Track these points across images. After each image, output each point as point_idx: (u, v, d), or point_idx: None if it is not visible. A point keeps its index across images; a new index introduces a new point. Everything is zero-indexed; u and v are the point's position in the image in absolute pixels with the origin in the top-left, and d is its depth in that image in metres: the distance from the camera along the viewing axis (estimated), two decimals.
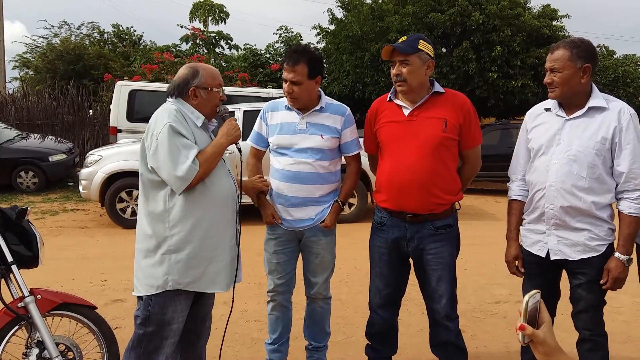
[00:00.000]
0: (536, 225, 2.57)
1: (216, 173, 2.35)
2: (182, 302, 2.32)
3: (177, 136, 2.22)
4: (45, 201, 9.72)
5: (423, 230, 2.66)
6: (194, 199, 2.27)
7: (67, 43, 21.12)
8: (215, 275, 2.34)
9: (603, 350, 2.52)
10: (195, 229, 2.27)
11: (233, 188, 2.43)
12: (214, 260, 2.32)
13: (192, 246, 2.27)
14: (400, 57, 2.58)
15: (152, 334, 2.29)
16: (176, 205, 2.25)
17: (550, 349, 1.16)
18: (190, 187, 2.23)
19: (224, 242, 2.37)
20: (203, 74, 2.41)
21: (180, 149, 2.21)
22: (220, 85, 2.46)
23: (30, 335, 2.54)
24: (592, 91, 2.44)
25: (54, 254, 5.89)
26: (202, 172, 2.23)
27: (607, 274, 2.41)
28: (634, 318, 4.03)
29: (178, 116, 2.28)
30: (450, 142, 2.62)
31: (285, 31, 21.36)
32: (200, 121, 2.39)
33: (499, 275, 4.96)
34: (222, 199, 2.35)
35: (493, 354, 3.52)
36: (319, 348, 3.14)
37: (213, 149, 2.31)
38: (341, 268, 5.30)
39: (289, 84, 2.79)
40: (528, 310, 1.16)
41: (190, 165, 2.18)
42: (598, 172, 2.38)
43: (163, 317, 2.28)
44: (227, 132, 2.39)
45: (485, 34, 14.57)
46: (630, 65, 22.43)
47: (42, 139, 11.88)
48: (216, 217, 2.32)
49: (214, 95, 2.42)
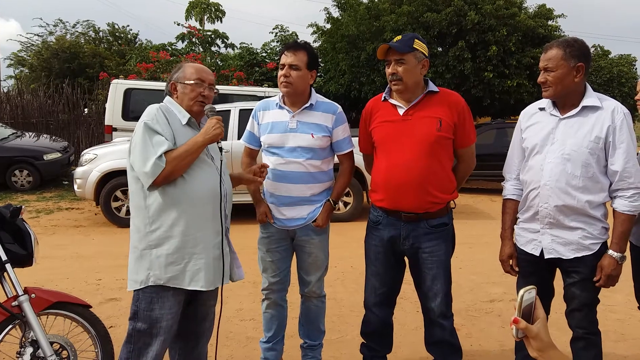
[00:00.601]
0: (530, 224, 2.58)
1: (198, 171, 2.33)
2: (170, 299, 2.30)
3: (150, 133, 2.24)
4: (40, 200, 9.69)
5: (418, 228, 2.67)
6: (174, 196, 2.26)
7: (63, 41, 21.08)
8: (196, 273, 2.30)
9: (596, 348, 2.53)
10: (175, 225, 2.26)
11: (216, 186, 2.36)
12: (194, 257, 2.29)
13: (172, 242, 2.26)
14: (396, 56, 2.59)
15: (140, 330, 2.28)
16: (156, 201, 2.26)
17: (543, 344, 1.18)
18: (159, 183, 2.23)
19: (207, 240, 2.33)
20: (184, 68, 2.43)
21: (151, 146, 2.22)
22: (201, 79, 2.41)
23: (25, 334, 2.53)
24: (586, 90, 2.45)
25: (49, 253, 5.88)
26: (170, 169, 2.21)
27: (600, 271, 2.42)
28: (627, 316, 4.05)
29: (158, 114, 2.29)
30: (445, 141, 2.63)
31: (281, 30, 21.37)
32: (185, 119, 2.38)
33: (494, 274, 4.97)
34: (202, 197, 2.31)
35: (488, 352, 3.53)
36: (313, 346, 3.14)
37: (186, 147, 2.27)
38: (336, 267, 5.31)
39: (286, 68, 2.78)
40: (523, 306, 1.18)
41: (155, 161, 2.18)
42: (592, 171, 2.39)
43: (151, 313, 2.28)
44: (205, 131, 2.34)
45: (481, 34, 14.60)
46: (625, 65, 22.53)
47: (37, 137, 11.85)
48: (196, 215, 2.29)
49: (189, 89, 2.39)
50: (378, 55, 2.65)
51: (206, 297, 2.52)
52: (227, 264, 2.45)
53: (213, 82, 2.48)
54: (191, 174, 2.30)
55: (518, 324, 1.17)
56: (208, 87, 2.43)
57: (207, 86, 2.43)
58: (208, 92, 2.43)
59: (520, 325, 1.17)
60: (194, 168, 2.32)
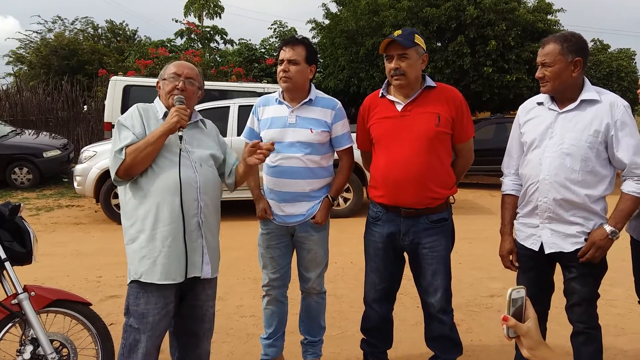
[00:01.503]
0: (530, 218, 2.57)
1: (160, 164, 2.30)
2: (154, 295, 2.28)
3: (120, 129, 2.31)
4: (40, 197, 9.69)
5: (418, 224, 2.67)
6: (142, 190, 2.28)
7: (61, 38, 21.01)
8: (166, 267, 2.26)
9: (597, 343, 2.53)
10: (145, 220, 2.27)
11: (175, 178, 2.28)
12: (164, 251, 2.26)
13: (143, 236, 2.27)
14: (399, 51, 2.58)
15: (130, 326, 2.29)
16: (130, 197, 2.31)
17: (534, 343, 1.19)
18: (123, 176, 2.26)
19: (175, 233, 2.27)
20: (166, 67, 2.48)
21: (118, 141, 2.28)
22: (176, 73, 2.41)
23: (25, 332, 2.54)
24: (584, 84, 2.45)
25: (49, 250, 5.88)
26: (129, 161, 2.22)
27: (589, 242, 2.41)
28: (627, 311, 4.06)
29: (133, 112, 2.38)
30: (443, 136, 2.64)
31: (280, 26, 21.31)
32: (161, 114, 2.42)
33: (494, 269, 4.97)
34: (164, 191, 2.27)
35: (488, 347, 3.53)
36: (314, 342, 3.14)
37: (146, 139, 2.26)
38: (337, 263, 5.32)
39: (285, 63, 2.78)
40: (512, 305, 1.19)
41: (115, 154, 2.24)
42: (591, 165, 2.39)
43: (137, 308, 2.28)
44: (165, 121, 2.31)
45: (480, 29, 14.56)
46: (625, 60, 22.44)
47: (36, 134, 11.84)
48: (163, 209, 2.26)
49: (165, 84, 2.43)
50: (381, 49, 2.63)
51: (202, 296, 2.48)
52: (199, 256, 2.35)
53: (192, 76, 2.44)
54: (159, 166, 2.30)
55: (507, 322, 1.19)
56: (185, 81, 2.40)
57: (184, 79, 2.40)
58: (184, 85, 2.40)
59: (509, 323, 1.18)
60: (163, 161, 2.31)
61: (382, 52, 2.65)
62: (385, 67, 2.66)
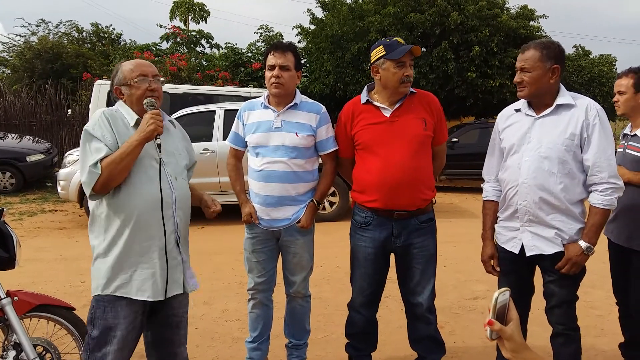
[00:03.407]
0: (510, 222, 2.62)
1: (138, 177, 2.20)
2: (124, 309, 2.19)
3: (89, 140, 2.14)
4: (23, 202, 9.59)
5: (409, 225, 2.74)
6: (118, 204, 2.17)
7: (45, 42, 20.82)
8: (143, 282, 2.20)
9: (576, 344, 2.58)
10: (119, 234, 2.17)
11: (156, 193, 2.21)
12: (140, 267, 2.20)
13: (117, 251, 2.18)
14: (411, 58, 2.66)
15: (96, 338, 2.19)
16: (104, 211, 2.19)
17: (517, 345, 1.19)
18: (99, 192, 2.13)
19: (153, 249, 2.21)
20: (122, 69, 2.28)
21: (89, 153, 2.12)
22: (143, 74, 2.26)
23: (7, 337, 2.52)
24: (560, 90, 2.51)
25: (32, 255, 5.83)
26: (107, 175, 2.09)
27: (565, 258, 2.46)
28: (607, 312, 4.12)
29: (101, 119, 2.19)
30: (428, 140, 2.73)
31: (266, 30, 21.34)
32: (133, 121, 2.25)
33: (477, 272, 5.02)
34: (143, 205, 2.18)
35: (471, 348, 3.57)
36: (299, 346, 3.16)
37: (121, 150, 2.12)
38: (322, 266, 5.34)
39: (277, 69, 2.79)
40: (497, 307, 1.19)
41: (89, 169, 2.09)
42: (569, 167, 2.44)
43: (105, 321, 2.19)
44: (140, 128, 2.16)
45: (464, 34, 14.72)
46: (606, 65, 22.80)
47: (20, 139, 11.72)
48: (140, 223, 2.18)
49: (135, 88, 2.25)
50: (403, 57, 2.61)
51: (176, 304, 2.40)
52: (179, 273, 2.31)
53: (157, 73, 2.34)
54: (135, 179, 2.19)
55: (492, 326, 1.18)
56: (153, 80, 2.29)
57: (152, 79, 2.28)
58: (155, 85, 2.29)
59: (494, 327, 1.18)
60: (138, 173, 2.20)
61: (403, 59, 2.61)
62: (392, 74, 2.63)
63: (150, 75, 2.28)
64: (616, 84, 2.99)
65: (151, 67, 2.33)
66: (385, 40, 2.68)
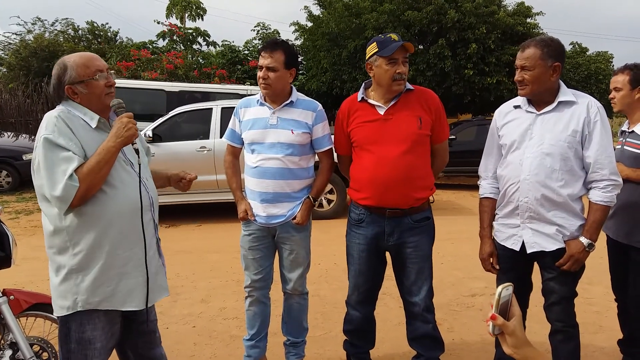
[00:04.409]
0: (510, 219, 2.61)
1: (117, 181, 2.05)
2: (102, 320, 2.08)
3: (53, 149, 1.91)
4: (20, 200, 9.55)
5: (403, 224, 2.71)
6: (94, 212, 1.98)
7: (41, 40, 20.70)
8: (129, 293, 2.09)
9: (575, 341, 2.58)
10: (98, 245, 2.00)
11: (136, 197, 2.08)
12: (125, 276, 2.07)
13: (98, 264, 2.01)
14: (404, 55, 2.61)
15: (74, 351, 2.06)
16: (74, 222, 1.97)
17: (519, 341, 1.19)
18: (77, 205, 1.94)
19: (136, 257, 2.09)
20: (72, 66, 2.04)
21: (57, 164, 1.90)
22: (99, 69, 2.07)
23: (3, 336, 2.51)
24: (560, 87, 2.50)
25: (29, 254, 5.81)
26: (86, 187, 1.91)
27: (567, 255, 2.46)
28: (605, 309, 4.13)
29: (59, 124, 1.96)
30: (424, 138, 2.68)
31: (263, 28, 21.33)
32: (95, 122, 2.06)
33: (475, 269, 5.02)
34: (124, 211, 2.04)
35: (469, 345, 3.57)
36: (297, 343, 3.15)
37: (97, 157, 1.95)
38: (320, 264, 5.33)
39: (264, 70, 2.79)
40: (500, 302, 1.19)
41: (66, 182, 1.87)
42: (570, 164, 2.44)
43: (82, 335, 2.05)
44: (116, 133, 2.01)
45: (461, 32, 14.73)
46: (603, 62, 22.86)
47: (16, 137, 11.70)
48: (121, 231, 2.04)
49: (94, 85, 2.05)
50: (395, 54, 2.56)
51: (150, 309, 2.32)
52: (162, 276, 2.25)
53: (107, 66, 2.15)
54: (109, 185, 2.03)
55: (495, 321, 1.18)
56: (109, 74, 2.11)
57: (107, 73, 2.10)
58: (112, 79, 2.13)
59: (497, 322, 1.18)
60: (113, 179, 2.04)
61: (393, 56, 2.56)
62: (384, 71, 2.60)
63: (105, 68, 2.10)
64: (612, 81, 2.98)
65: (102, 60, 2.13)
66: (380, 37, 2.66)
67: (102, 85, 2.07)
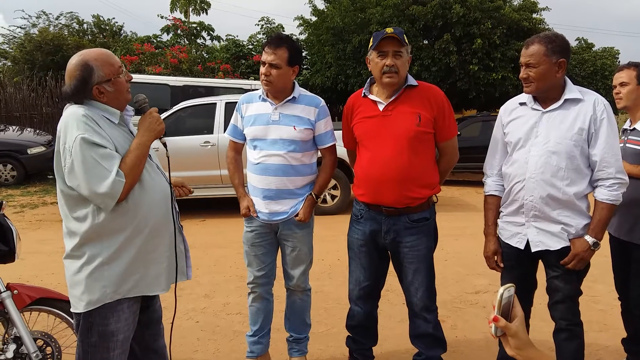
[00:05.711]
0: (515, 217, 2.59)
1: (145, 175, 2.11)
2: (125, 311, 2.11)
3: (92, 148, 1.93)
4: (25, 194, 9.58)
5: (399, 223, 2.68)
6: (128, 207, 2.03)
7: (46, 34, 20.73)
8: (156, 277, 2.15)
9: (579, 339, 2.57)
10: (132, 237, 2.05)
11: (166, 185, 2.20)
12: (152, 262, 2.13)
13: (132, 253, 2.06)
14: (396, 48, 2.56)
15: (96, 345, 2.08)
16: (107, 218, 2.01)
17: (521, 342, 1.18)
18: (122, 199, 2.00)
19: (163, 244, 2.17)
20: (98, 65, 2.04)
21: (99, 162, 1.93)
22: (120, 67, 2.11)
23: (7, 330, 2.52)
24: (566, 84, 2.48)
25: (34, 248, 5.83)
26: (130, 181, 1.99)
27: (572, 254, 2.45)
28: (609, 307, 4.11)
29: (89, 122, 1.97)
30: (424, 136, 2.63)
31: (268, 22, 21.29)
32: (116, 118, 2.11)
33: (479, 266, 5.01)
34: (157, 201, 2.13)
35: (473, 343, 3.56)
36: (299, 340, 3.15)
37: (137, 152, 2.03)
38: (323, 260, 5.33)
39: (267, 67, 2.77)
40: (502, 303, 1.18)
41: (114, 179, 1.93)
42: (576, 163, 2.42)
43: (106, 328, 2.07)
44: (148, 128, 2.12)
45: (466, 27, 14.67)
46: (609, 58, 22.75)
47: (21, 131, 11.71)
48: (153, 221, 2.11)
49: (119, 83, 2.09)
50: (380, 46, 2.56)
51: (157, 299, 2.40)
52: (183, 261, 2.30)
53: None
54: (146, 178, 2.11)
55: (497, 323, 1.17)
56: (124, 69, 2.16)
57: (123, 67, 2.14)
58: (129, 74, 2.19)
59: (499, 323, 1.17)
60: (147, 171, 2.13)
61: (379, 49, 2.57)
62: (375, 64, 2.61)
63: (121, 65, 2.14)
64: (616, 77, 2.95)
65: (116, 57, 2.15)
66: (379, 31, 2.65)
67: (125, 82, 2.12)
